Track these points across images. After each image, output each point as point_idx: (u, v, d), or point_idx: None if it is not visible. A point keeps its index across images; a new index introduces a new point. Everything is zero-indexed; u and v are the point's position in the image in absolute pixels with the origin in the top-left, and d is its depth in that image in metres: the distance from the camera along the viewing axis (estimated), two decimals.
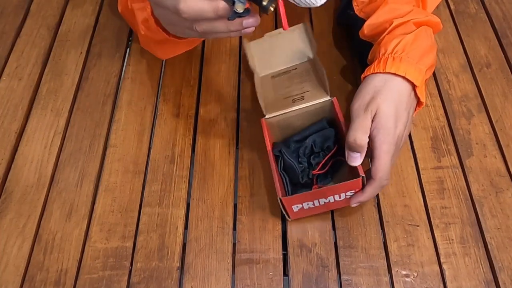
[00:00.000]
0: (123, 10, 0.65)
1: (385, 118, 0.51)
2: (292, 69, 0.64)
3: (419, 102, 0.56)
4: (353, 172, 0.53)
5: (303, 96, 0.59)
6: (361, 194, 0.53)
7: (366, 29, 0.60)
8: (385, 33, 0.57)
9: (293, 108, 0.58)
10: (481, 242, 0.55)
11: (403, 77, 0.53)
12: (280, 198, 0.51)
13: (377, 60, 0.55)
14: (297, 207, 0.54)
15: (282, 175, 0.57)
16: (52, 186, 0.60)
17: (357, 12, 0.63)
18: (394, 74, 0.53)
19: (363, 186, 0.52)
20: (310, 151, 0.58)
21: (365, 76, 0.56)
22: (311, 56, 0.64)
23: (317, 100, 0.58)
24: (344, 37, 0.73)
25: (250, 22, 0.43)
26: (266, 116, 0.58)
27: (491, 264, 0.54)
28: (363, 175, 0.51)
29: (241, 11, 0.41)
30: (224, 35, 0.46)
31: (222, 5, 0.41)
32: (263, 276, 0.53)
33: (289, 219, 0.56)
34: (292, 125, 0.59)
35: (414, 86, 0.54)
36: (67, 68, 0.71)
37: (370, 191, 0.52)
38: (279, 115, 0.58)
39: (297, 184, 0.57)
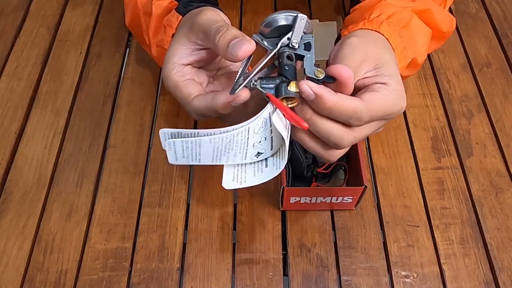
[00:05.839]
0: (131, 24, 0.60)
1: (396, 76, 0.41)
2: (314, 65, 0.64)
3: None
4: (355, 179, 0.54)
5: None
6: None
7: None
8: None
9: None
10: (481, 242, 0.55)
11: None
12: (283, 187, 0.52)
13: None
14: (294, 199, 0.54)
15: (287, 165, 0.57)
16: (52, 187, 0.60)
17: None
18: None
19: (362, 195, 0.53)
20: None
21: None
22: None
23: None
24: None
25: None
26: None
27: (491, 265, 0.54)
28: (367, 185, 0.51)
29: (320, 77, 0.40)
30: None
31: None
32: (263, 276, 0.53)
33: (280, 208, 0.57)
34: None
35: None
36: (66, 68, 0.71)
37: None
38: None
39: (299, 177, 0.58)
